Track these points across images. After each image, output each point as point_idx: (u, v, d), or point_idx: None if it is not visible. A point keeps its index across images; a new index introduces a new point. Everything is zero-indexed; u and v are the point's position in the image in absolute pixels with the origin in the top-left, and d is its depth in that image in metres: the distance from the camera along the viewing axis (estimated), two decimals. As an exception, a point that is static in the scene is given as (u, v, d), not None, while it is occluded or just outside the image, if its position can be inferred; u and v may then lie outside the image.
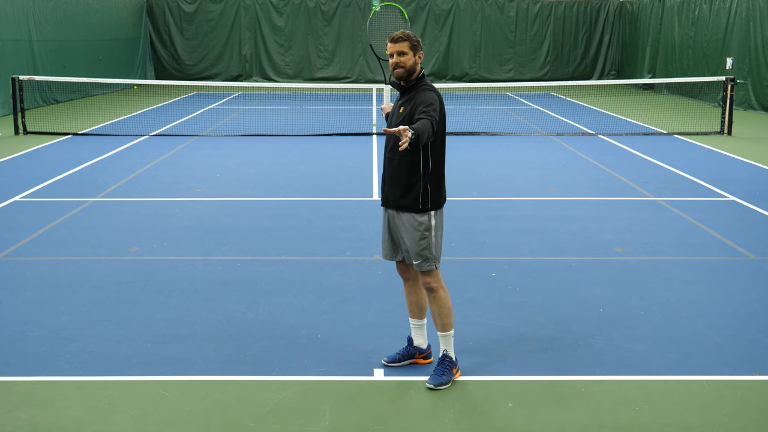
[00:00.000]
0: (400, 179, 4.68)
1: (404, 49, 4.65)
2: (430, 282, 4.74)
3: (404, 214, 4.71)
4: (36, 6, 20.46)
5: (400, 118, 4.70)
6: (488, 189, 10.54)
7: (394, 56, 4.66)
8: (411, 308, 5.03)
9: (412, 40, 4.67)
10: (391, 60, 4.68)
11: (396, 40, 4.66)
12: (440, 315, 4.78)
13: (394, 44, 4.66)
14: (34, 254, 7.45)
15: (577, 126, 17.13)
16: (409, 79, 4.70)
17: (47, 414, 4.38)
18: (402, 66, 4.65)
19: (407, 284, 5.00)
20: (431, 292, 4.76)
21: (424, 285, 4.78)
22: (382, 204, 4.89)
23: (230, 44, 29.88)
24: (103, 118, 18.09)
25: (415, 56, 4.67)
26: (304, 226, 8.58)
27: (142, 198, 9.92)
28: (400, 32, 4.68)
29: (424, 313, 5.04)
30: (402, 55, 4.65)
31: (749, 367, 5.00)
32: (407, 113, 4.66)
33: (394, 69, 4.68)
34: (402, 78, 4.69)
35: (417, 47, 4.68)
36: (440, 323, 4.79)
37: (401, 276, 5.01)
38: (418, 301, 4.98)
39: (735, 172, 11.70)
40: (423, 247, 4.68)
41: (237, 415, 4.37)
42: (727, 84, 15.79)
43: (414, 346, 5.03)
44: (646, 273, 6.94)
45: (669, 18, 25.30)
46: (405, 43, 4.65)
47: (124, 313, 5.92)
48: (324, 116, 18.96)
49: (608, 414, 4.41)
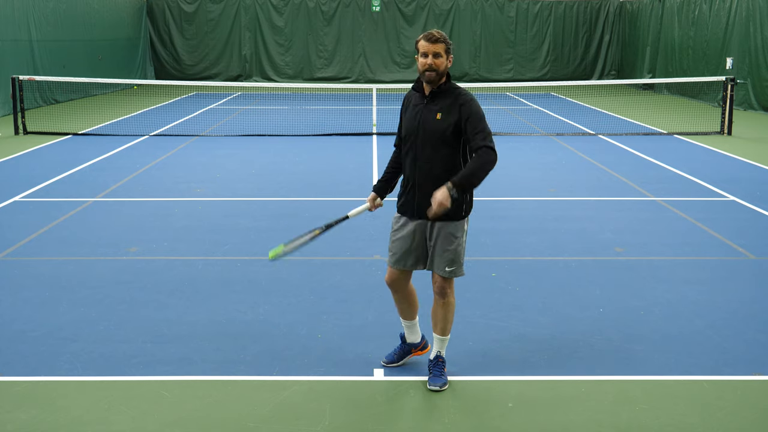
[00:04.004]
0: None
1: (440, 51, 4.41)
2: (446, 287, 4.65)
3: (443, 223, 4.54)
4: (36, 6, 20.46)
5: (441, 128, 4.45)
6: (488, 189, 10.53)
7: (429, 57, 4.40)
8: (402, 310, 4.91)
9: (448, 43, 4.47)
10: (424, 60, 4.43)
11: (435, 41, 4.40)
12: (444, 320, 4.73)
13: (432, 45, 4.41)
14: (34, 254, 7.45)
15: (577, 126, 17.13)
16: (439, 82, 4.50)
17: (47, 414, 4.38)
18: (435, 69, 4.41)
19: (398, 295, 4.81)
20: (444, 297, 4.67)
21: (440, 290, 4.64)
22: (412, 216, 4.61)
23: (230, 44, 29.88)
24: (103, 118, 18.09)
25: (447, 60, 4.47)
26: (304, 226, 8.56)
27: (142, 198, 9.92)
28: (436, 32, 4.46)
29: (417, 312, 4.95)
30: (437, 57, 4.41)
31: (749, 367, 5.00)
32: (451, 124, 4.43)
33: (426, 71, 4.42)
34: (432, 81, 4.46)
35: (450, 51, 4.49)
36: (442, 327, 4.75)
37: (395, 286, 4.78)
38: (411, 304, 4.87)
39: (735, 172, 11.70)
40: (458, 253, 4.58)
41: (237, 415, 4.37)
42: (727, 84, 15.79)
43: (408, 342, 4.99)
44: (646, 273, 6.94)
45: (669, 18, 25.30)
46: (442, 45, 4.43)
47: (124, 313, 5.92)
48: (324, 116, 18.96)
49: (608, 414, 4.41)
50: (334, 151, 13.68)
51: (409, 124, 4.58)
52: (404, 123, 4.65)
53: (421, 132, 4.52)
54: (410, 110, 4.62)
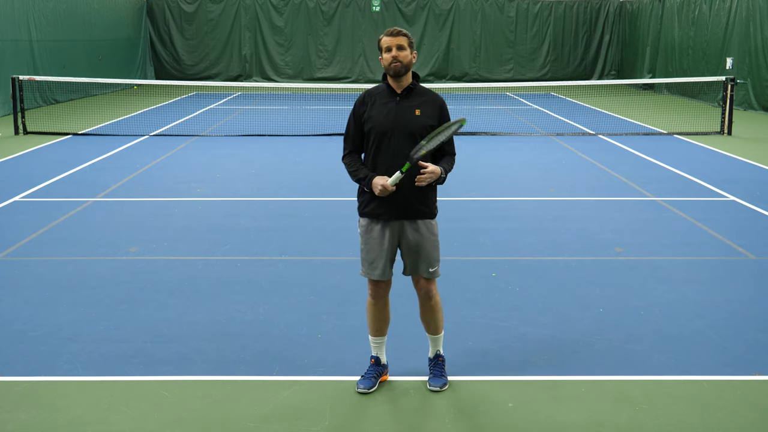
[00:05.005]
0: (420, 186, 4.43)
1: (403, 44, 4.46)
2: (433, 289, 4.64)
3: (422, 221, 4.54)
4: (36, 6, 20.46)
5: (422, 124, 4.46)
6: (488, 189, 10.54)
7: (392, 50, 4.43)
8: (380, 326, 4.73)
9: (410, 37, 4.52)
10: (388, 54, 4.45)
11: (396, 34, 4.46)
12: (436, 320, 4.72)
13: (393, 38, 4.45)
14: (34, 254, 7.45)
15: (577, 126, 17.13)
16: (406, 76, 4.51)
17: (47, 414, 4.38)
18: (401, 61, 4.43)
19: (380, 303, 4.67)
20: (432, 299, 4.65)
21: (427, 294, 4.62)
22: (389, 218, 4.52)
23: (230, 44, 29.89)
24: (103, 118, 18.09)
25: (411, 54, 4.50)
26: (304, 226, 8.58)
27: (142, 198, 9.92)
28: (396, 28, 4.53)
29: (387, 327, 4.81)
30: (401, 50, 4.43)
31: (749, 367, 5.00)
32: (434, 119, 4.48)
33: (392, 64, 4.43)
34: (399, 74, 4.47)
35: (413, 45, 4.54)
36: (435, 327, 4.74)
37: (378, 294, 4.64)
38: (387, 317, 4.75)
39: (735, 172, 11.70)
40: (438, 252, 4.61)
41: (237, 415, 4.37)
42: (727, 84, 15.79)
43: (382, 364, 4.78)
44: (646, 273, 6.94)
45: (669, 18, 25.30)
46: (404, 38, 4.47)
47: (124, 313, 5.92)
48: (324, 116, 18.95)
49: (608, 414, 4.41)
50: (334, 151, 13.66)
51: (383, 122, 4.48)
52: (373, 122, 4.50)
53: (400, 128, 4.47)
54: (378, 109, 4.51)
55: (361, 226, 4.64)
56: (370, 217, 4.58)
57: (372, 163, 4.55)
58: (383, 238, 4.55)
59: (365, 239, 4.61)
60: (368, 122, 4.53)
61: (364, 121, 4.55)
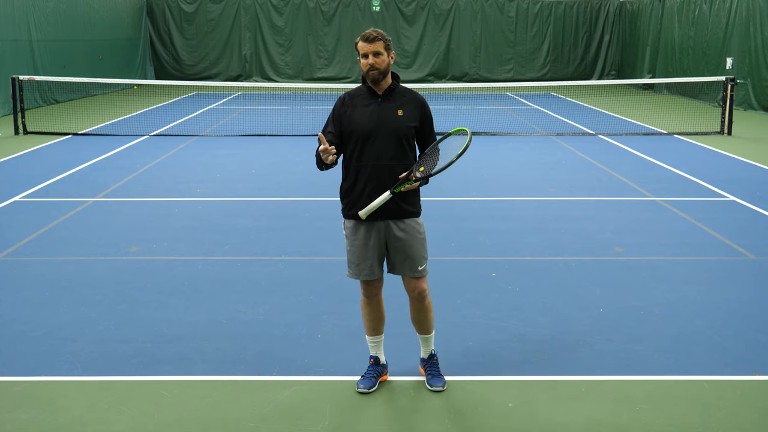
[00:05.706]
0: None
1: (380, 49, 4.36)
2: (425, 288, 4.62)
3: (409, 220, 4.53)
4: (36, 6, 20.46)
5: (404, 124, 4.45)
6: (488, 189, 10.54)
7: (369, 57, 4.36)
8: (376, 325, 4.73)
9: (386, 40, 4.42)
10: (365, 60, 4.40)
11: (372, 40, 4.36)
12: (427, 319, 4.71)
13: (369, 44, 4.36)
14: (34, 254, 7.45)
15: (577, 126, 17.13)
16: (384, 80, 4.45)
17: (47, 414, 4.38)
18: (378, 68, 4.37)
19: (374, 301, 4.68)
20: (425, 299, 4.63)
21: (419, 293, 4.59)
22: (375, 218, 4.47)
23: (230, 44, 29.89)
24: (103, 118, 18.09)
25: (388, 57, 4.43)
26: (304, 226, 8.58)
27: (142, 198, 9.92)
28: (373, 30, 4.42)
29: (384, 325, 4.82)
30: (378, 56, 4.36)
31: (749, 367, 5.00)
32: (416, 120, 4.47)
33: (369, 71, 4.37)
34: (377, 80, 4.40)
35: (390, 47, 4.45)
36: (427, 326, 4.72)
37: (371, 293, 4.66)
38: (382, 315, 4.76)
39: (735, 172, 11.70)
40: (425, 249, 4.60)
41: (237, 415, 4.37)
42: (727, 84, 15.79)
43: (382, 364, 4.79)
44: (646, 273, 6.94)
45: (669, 18, 25.30)
46: (380, 43, 4.37)
47: (124, 313, 5.92)
48: (324, 116, 18.89)
49: (608, 414, 4.41)
50: (334, 151, 13.66)
51: (366, 124, 4.44)
52: (355, 125, 4.46)
53: (384, 129, 4.44)
54: (359, 111, 4.48)
55: (347, 228, 4.62)
56: (355, 219, 4.56)
57: (356, 165, 4.50)
58: (369, 239, 4.54)
59: (350, 241, 4.61)
60: (349, 125, 4.48)
61: (345, 123, 4.50)
